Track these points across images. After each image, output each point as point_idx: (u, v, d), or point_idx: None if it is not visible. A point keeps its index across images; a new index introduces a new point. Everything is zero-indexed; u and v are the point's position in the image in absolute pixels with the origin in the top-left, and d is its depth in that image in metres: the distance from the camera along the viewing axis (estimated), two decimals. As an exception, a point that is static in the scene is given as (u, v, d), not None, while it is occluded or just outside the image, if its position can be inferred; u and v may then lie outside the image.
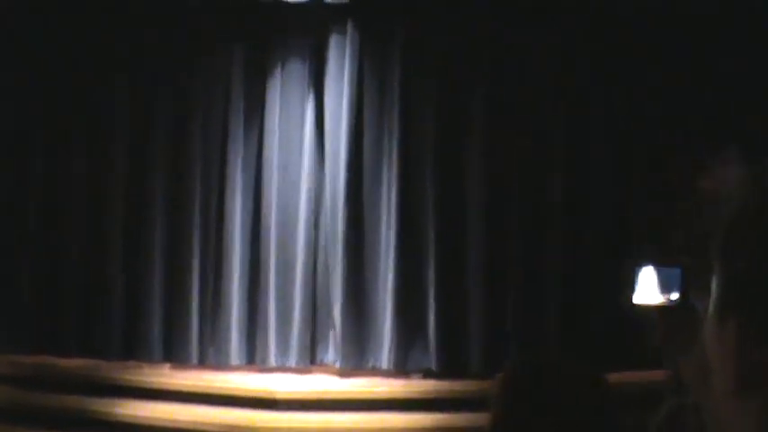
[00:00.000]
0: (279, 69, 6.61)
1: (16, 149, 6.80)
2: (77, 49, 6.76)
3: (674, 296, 1.21)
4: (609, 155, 6.43)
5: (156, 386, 6.28)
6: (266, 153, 6.56)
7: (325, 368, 6.47)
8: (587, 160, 6.44)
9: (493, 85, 6.46)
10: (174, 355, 6.55)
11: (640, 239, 5.87)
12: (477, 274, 6.34)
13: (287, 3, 6.42)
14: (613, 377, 2.90)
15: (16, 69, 6.78)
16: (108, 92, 6.74)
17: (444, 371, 6.29)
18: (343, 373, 6.36)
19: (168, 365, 6.56)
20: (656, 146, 6.33)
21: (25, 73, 6.78)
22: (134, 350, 6.56)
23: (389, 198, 6.43)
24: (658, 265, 1.21)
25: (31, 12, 6.71)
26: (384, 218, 6.46)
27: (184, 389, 6.22)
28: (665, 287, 1.21)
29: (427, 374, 6.34)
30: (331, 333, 6.47)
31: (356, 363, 6.37)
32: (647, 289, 1.21)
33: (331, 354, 6.47)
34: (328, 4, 6.44)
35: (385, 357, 6.33)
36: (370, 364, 6.39)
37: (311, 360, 6.47)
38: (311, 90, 6.59)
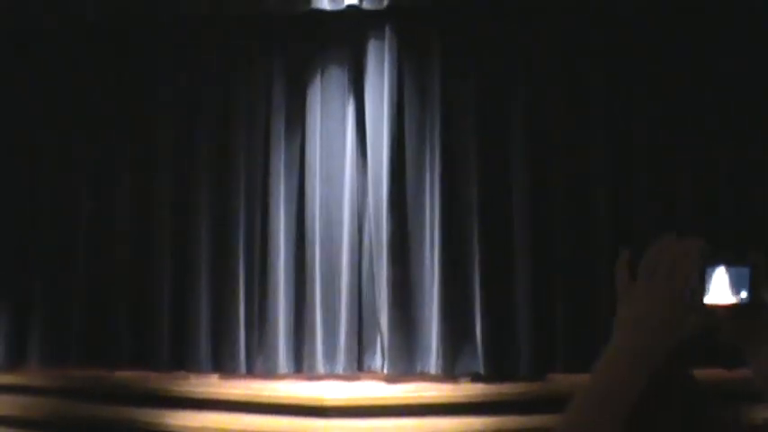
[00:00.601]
0: (319, 77, 6.64)
1: (62, 166, 6.89)
2: (121, 64, 6.85)
3: (744, 295, 1.18)
4: (653, 161, 6.35)
5: (205, 396, 6.30)
6: (308, 161, 6.58)
7: (373, 374, 6.46)
8: (630, 162, 6.36)
9: (534, 86, 6.41)
10: (223, 366, 6.59)
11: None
12: (523, 275, 6.29)
13: (324, 11, 6.43)
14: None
15: (60, 85, 6.89)
16: (152, 106, 6.83)
17: (492, 374, 6.25)
18: (391, 378, 6.34)
19: (217, 375, 6.60)
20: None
21: (71, 87, 6.89)
22: (183, 361, 6.61)
23: (433, 202, 6.41)
24: (729, 265, 1.18)
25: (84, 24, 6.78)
26: (428, 222, 6.44)
27: (234, 398, 6.23)
28: (736, 287, 1.18)
29: (475, 378, 6.30)
30: (378, 339, 6.46)
31: (404, 368, 6.35)
32: (719, 289, 1.19)
33: (378, 360, 6.46)
34: (365, 11, 6.44)
35: (433, 362, 6.31)
36: (418, 370, 6.37)
37: (359, 366, 6.46)
38: (351, 97, 6.61)
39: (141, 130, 6.84)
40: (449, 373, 6.32)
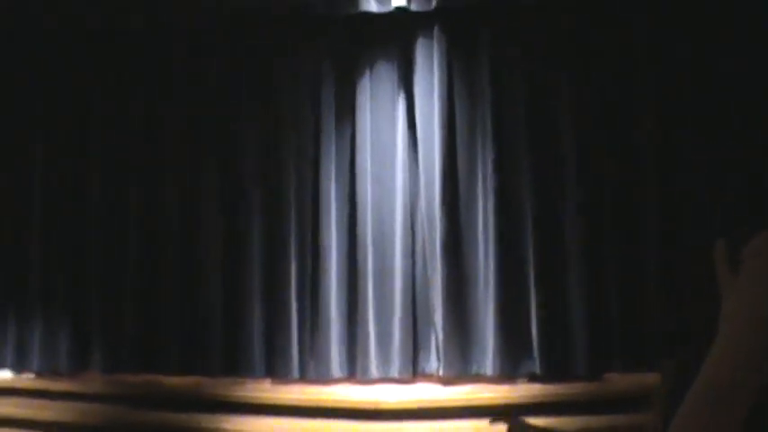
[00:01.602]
0: (368, 76, 6.64)
1: (115, 178, 6.96)
2: (164, 71, 6.91)
3: None
4: (702, 153, 6.25)
5: (259, 401, 6.29)
6: (359, 161, 6.57)
7: (429, 377, 6.41)
8: (682, 155, 6.27)
9: (584, 82, 6.34)
10: (275, 371, 6.58)
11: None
12: (577, 275, 6.21)
13: (373, 13, 6.44)
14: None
15: (104, 95, 6.97)
16: (200, 108, 6.87)
17: (549, 375, 6.17)
18: (447, 381, 6.29)
19: (270, 380, 6.59)
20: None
21: (116, 96, 6.97)
22: (236, 366, 6.61)
23: (486, 201, 6.37)
24: None
25: (126, 27, 6.85)
26: (481, 222, 6.39)
27: (288, 402, 6.21)
28: None
29: (532, 379, 6.23)
30: (433, 341, 6.41)
31: (459, 370, 6.29)
32: None
33: (434, 362, 6.40)
34: (413, 13, 6.44)
35: (489, 363, 6.25)
36: (474, 371, 6.31)
37: (414, 369, 6.41)
38: (401, 95, 6.59)
39: (189, 134, 6.88)
40: (505, 375, 6.25)
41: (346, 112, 6.66)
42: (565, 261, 6.26)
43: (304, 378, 6.55)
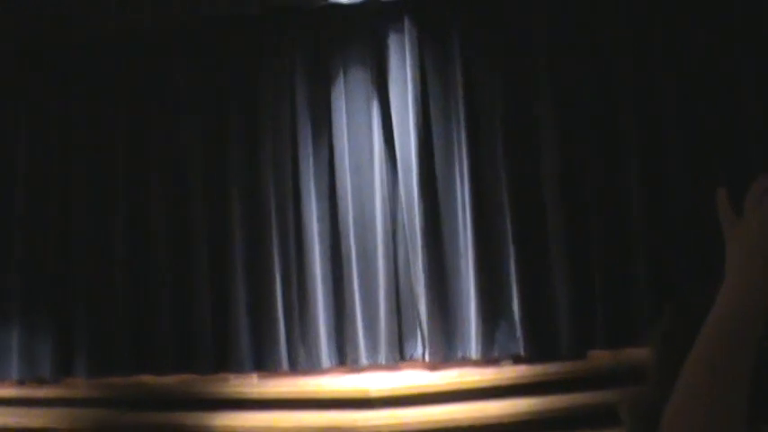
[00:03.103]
0: (341, 73, 6.68)
1: (100, 180, 6.95)
2: (138, 73, 6.89)
3: None
4: (681, 140, 6.32)
5: (250, 396, 6.35)
6: (338, 158, 6.62)
7: (415, 363, 6.49)
8: (660, 139, 6.34)
9: (559, 70, 6.41)
10: (265, 364, 6.64)
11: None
12: (558, 254, 6.30)
13: (342, 4, 6.45)
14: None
15: (90, 100, 6.94)
16: (177, 114, 6.90)
17: (533, 355, 6.26)
18: (433, 366, 6.38)
19: (260, 374, 6.63)
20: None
21: (100, 101, 6.96)
22: (226, 362, 6.64)
23: (463, 188, 6.44)
24: None
25: (105, 41, 6.82)
26: (460, 208, 6.46)
27: (278, 396, 6.28)
28: None
29: (517, 360, 6.32)
30: (418, 327, 6.48)
31: (445, 355, 6.38)
32: None
33: (420, 348, 6.48)
34: (383, 3, 6.46)
35: (473, 347, 6.33)
36: (459, 355, 6.39)
37: (401, 356, 6.48)
38: (375, 91, 6.64)
39: (171, 140, 6.90)
40: (490, 357, 6.35)
41: (322, 110, 6.70)
42: (544, 241, 6.34)
43: (294, 369, 6.59)
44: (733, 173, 6.00)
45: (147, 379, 6.72)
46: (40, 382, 6.94)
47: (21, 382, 6.98)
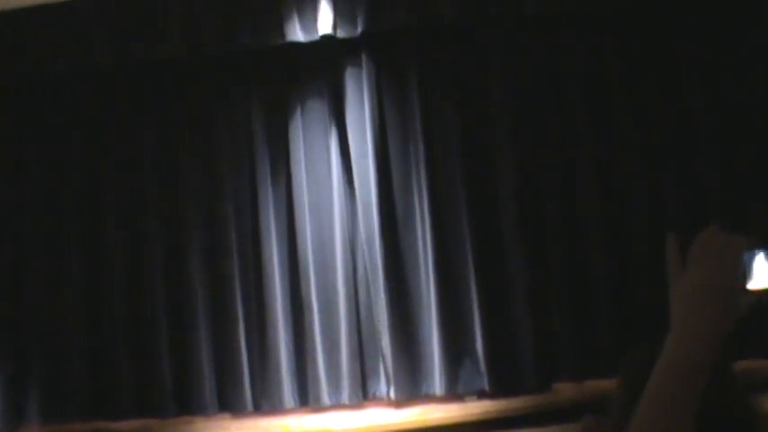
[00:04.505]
0: (299, 110, 6.64)
1: (55, 211, 6.84)
2: (99, 111, 6.86)
3: None
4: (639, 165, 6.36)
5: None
6: (296, 195, 6.56)
7: (379, 401, 6.43)
8: (617, 168, 6.38)
9: (517, 101, 6.44)
10: (229, 406, 6.53)
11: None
12: (520, 289, 6.28)
13: (299, 43, 6.46)
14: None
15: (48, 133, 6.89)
16: (136, 152, 6.83)
17: (498, 390, 6.23)
18: (397, 403, 6.33)
19: (225, 416, 6.56)
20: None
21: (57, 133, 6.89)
22: (188, 405, 6.55)
23: (424, 224, 6.41)
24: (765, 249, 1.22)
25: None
26: (421, 244, 6.43)
27: (243, 437, 6.22)
28: None
29: (481, 395, 6.29)
30: (381, 365, 6.43)
31: (409, 392, 6.32)
32: (760, 274, 1.23)
33: (383, 385, 6.42)
34: (340, 39, 6.48)
35: (437, 383, 6.28)
36: (423, 392, 6.34)
37: (363, 394, 6.42)
38: (333, 127, 6.61)
39: (126, 176, 6.82)
40: (454, 393, 6.31)
41: (280, 147, 6.65)
42: (506, 277, 6.34)
43: (258, 411, 6.51)
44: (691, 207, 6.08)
45: (106, 425, 6.59)
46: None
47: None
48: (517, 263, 6.32)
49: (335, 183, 6.55)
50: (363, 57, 6.55)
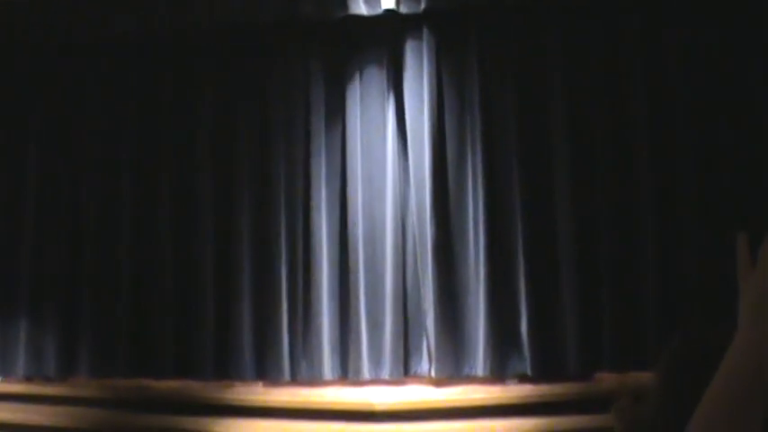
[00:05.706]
0: (357, 79, 6.63)
1: (108, 178, 6.94)
2: (155, 77, 6.90)
3: None
4: (693, 151, 6.28)
5: (250, 404, 6.29)
6: (350, 165, 6.56)
7: (420, 378, 6.42)
8: (674, 157, 6.30)
9: (575, 83, 6.36)
10: (267, 374, 6.56)
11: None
12: (568, 275, 6.21)
13: (362, 16, 6.44)
14: None
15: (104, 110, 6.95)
16: (190, 118, 6.90)
17: (540, 375, 6.19)
18: (439, 382, 6.31)
19: (261, 383, 6.58)
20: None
21: (110, 100, 6.97)
22: (227, 370, 6.59)
23: (476, 203, 6.37)
24: None
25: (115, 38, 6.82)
26: (472, 222, 6.39)
27: (280, 405, 6.21)
28: None
29: (523, 379, 6.25)
30: (424, 343, 6.41)
31: (451, 371, 6.30)
32: None
33: (425, 364, 6.40)
34: (403, 15, 6.45)
35: (480, 364, 6.25)
36: (465, 372, 6.32)
37: (405, 371, 6.41)
38: (391, 98, 6.58)
39: (180, 142, 6.88)
40: (496, 375, 6.27)
41: (336, 116, 6.65)
42: (556, 261, 6.27)
43: (295, 380, 6.53)
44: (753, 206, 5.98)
45: (150, 382, 6.68)
46: (47, 379, 6.94)
47: (27, 379, 6.98)
48: (568, 250, 6.25)
49: (389, 155, 6.53)
50: (425, 31, 6.51)
